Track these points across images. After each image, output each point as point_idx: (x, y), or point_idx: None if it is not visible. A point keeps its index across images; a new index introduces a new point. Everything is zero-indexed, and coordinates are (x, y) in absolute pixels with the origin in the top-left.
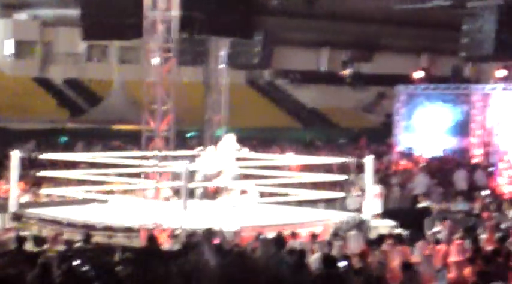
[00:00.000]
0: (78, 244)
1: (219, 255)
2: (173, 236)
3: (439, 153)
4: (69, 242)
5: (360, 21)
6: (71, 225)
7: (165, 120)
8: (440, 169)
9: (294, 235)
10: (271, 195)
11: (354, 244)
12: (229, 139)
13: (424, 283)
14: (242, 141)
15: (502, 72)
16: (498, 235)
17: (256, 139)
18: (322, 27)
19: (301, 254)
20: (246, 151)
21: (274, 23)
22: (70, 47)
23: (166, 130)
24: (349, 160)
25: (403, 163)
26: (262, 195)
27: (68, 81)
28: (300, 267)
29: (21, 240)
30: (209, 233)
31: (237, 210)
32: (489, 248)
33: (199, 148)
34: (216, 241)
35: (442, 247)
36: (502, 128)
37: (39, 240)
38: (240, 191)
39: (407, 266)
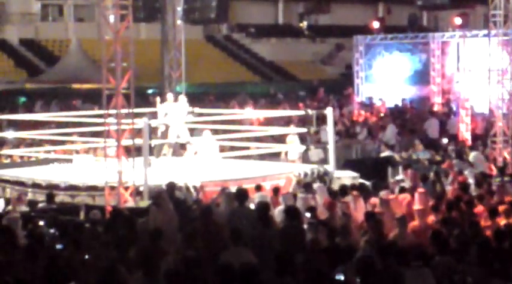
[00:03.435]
0: (41, 205)
1: (183, 211)
2: (137, 193)
3: (399, 103)
4: (32, 203)
5: None
6: (34, 185)
7: (124, 78)
8: (405, 119)
9: (257, 188)
10: (233, 149)
11: (318, 196)
12: (182, 100)
13: (386, 232)
14: (201, 96)
15: (458, 20)
16: (460, 182)
17: (215, 94)
18: None
19: (264, 207)
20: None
21: None
22: (24, 7)
23: (126, 88)
24: (309, 112)
25: (364, 113)
26: (222, 149)
27: (24, 42)
28: (263, 220)
29: None
30: (172, 188)
31: (199, 165)
32: (452, 195)
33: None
34: (179, 196)
35: (405, 196)
36: (462, 75)
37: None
38: (200, 147)
39: (370, 215)
